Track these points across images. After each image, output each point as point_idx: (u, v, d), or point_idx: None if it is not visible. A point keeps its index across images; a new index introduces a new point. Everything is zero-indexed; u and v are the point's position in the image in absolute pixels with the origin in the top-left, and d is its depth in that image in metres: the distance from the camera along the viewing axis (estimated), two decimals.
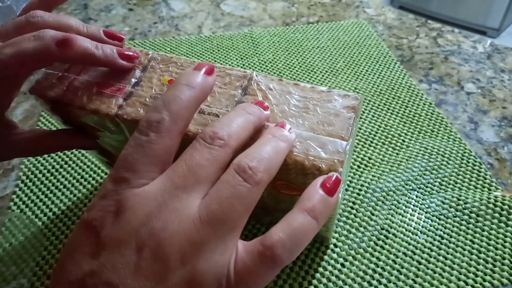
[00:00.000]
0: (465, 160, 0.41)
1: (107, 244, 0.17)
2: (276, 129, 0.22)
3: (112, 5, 0.69)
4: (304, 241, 0.18)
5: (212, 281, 0.17)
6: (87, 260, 0.17)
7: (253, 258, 0.17)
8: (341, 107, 0.24)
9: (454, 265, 0.32)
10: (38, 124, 0.46)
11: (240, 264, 0.17)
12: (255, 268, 0.17)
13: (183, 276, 0.17)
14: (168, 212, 0.17)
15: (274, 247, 0.17)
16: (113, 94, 0.25)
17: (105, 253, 0.17)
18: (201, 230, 0.17)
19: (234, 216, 0.18)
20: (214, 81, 0.21)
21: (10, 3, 0.55)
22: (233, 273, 0.17)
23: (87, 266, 0.17)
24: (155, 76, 0.26)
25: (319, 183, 0.20)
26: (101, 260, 0.17)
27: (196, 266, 0.17)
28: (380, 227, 0.35)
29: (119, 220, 0.17)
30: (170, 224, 0.17)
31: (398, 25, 0.63)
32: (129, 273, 0.16)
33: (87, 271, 0.17)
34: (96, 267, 0.17)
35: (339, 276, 0.32)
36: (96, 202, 0.18)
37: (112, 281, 0.16)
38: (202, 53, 0.56)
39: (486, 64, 0.55)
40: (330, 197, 0.19)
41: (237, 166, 0.18)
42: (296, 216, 0.18)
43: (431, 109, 0.47)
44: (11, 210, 0.37)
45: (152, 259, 0.17)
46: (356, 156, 0.41)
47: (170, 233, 0.17)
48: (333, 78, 0.52)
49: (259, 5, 0.69)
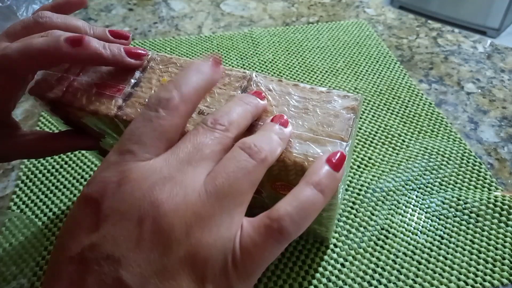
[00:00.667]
0: (465, 160, 0.41)
1: (108, 216, 0.16)
2: (271, 125, 0.22)
3: (112, 5, 0.69)
4: (311, 214, 0.18)
5: (217, 255, 0.16)
6: (86, 234, 0.16)
7: (259, 231, 0.17)
8: (340, 108, 0.24)
9: (454, 265, 0.32)
10: (38, 124, 0.46)
11: (246, 238, 0.17)
12: (262, 242, 0.17)
13: (188, 249, 0.16)
14: (173, 184, 0.17)
15: (282, 220, 0.17)
16: (113, 95, 0.25)
17: (106, 225, 0.16)
18: (207, 203, 0.17)
19: (240, 190, 0.18)
20: (221, 72, 0.22)
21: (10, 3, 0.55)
22: (239, 248, 0.17)
23: (86, 240, 0.16)
24: (155, 77, 0.26)
25: (324, 158, 0.20)
26: (101, 233, 0.16)
27: (202, 240, 0.16)
28: (380, 227, 0.35)
29: (121, 191, 0.17)
30: (175, 196, 0.17)
31: (398, 25, 0.63)
32: (132, 245, 0.16)
33: (87, 245, 0.16)
34: (96, 240, 0.16)
35: (339, 276, 0.32)
36: (98, 174, 0.18)
37: (113, 254, 0.16)
38: (202, 53, 0.56)
39: (486, 64, 0.55)
40: (336, 172, 0.19)
41: (242, 144, 0.19)
42: (302, 189, 0.18)
43: (431, 109, 0.47)
44: (11, 210, 0.37)
45: (155, 231, 0.16)
46: (356, 156, 0.41)
47: (175, 205, 0.16)
48: (333, 78, 0.52)
49: (259, 5, 0.69)
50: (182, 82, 0.19)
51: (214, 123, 0.19)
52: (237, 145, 0.19)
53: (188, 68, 0.20)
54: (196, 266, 0.16)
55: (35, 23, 0.25)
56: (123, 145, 0.18)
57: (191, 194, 0.17)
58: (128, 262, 0.15)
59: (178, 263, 0.16)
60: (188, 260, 0.16)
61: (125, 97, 0.25)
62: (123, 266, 0.15)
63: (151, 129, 0.18)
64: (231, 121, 0.20)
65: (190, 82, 0.20)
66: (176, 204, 0.16)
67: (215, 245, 0.16)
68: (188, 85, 0.19)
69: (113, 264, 0.15)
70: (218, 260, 0.16)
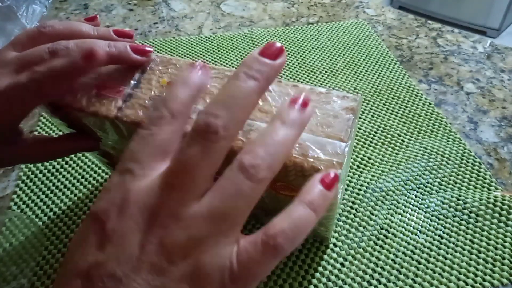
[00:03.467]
0: (465, 160, 0.41)
1: (112, 237, 0.18)
2: (287, 112, 0.20)
3: (112, 5, 0.69)
4: (304, 231, 0.19)
5: (214, 273, 0.17)
6: (93, 252, 0.18)
7: (256, 248, 0.18)
8: (340, 109, 0.24)
9: (454, 265, 0.32)
10: (38, 124, 0.46)
11: (243, 254, 0.18)
12: (259, 257, 0.18)
13: (186, 270, 0.17)
14: (166, 212, 0.18)
15: (277, 236, 0.18)
16: (113, 96, 0.25)
17: (110, 246, 0.17)
18: (203, 227, 0.18)
19: (236, 213, 0.18)
20: (208, 77, 0.22)
21: (10, 3, 0.56)
22: (236, 264, 0.18)
23: (92, 258, 0.17)
24: (154, 78, 0.26)
25: (317, 179, 0.20)
26: (106, 252, 0.17)
27: (199, 260, 0.17)
28: (380, 227, 0.35)
29: (122, 214, 0.18)
30: (169, 222, 0.18)
31: (397, 25, 0.63)
32: (132, 266, 0.17)
33: (93, 262, 0.17)
34: (101, 259, 0.17)
35: (339, 276, 0.32)
36: (103, 195, 0.19)
37: (115, 273, 0.17)
38: (202, 54, 0.56)
39: (486, 64, 0.55)
40: (329, 191, 0.20)
41: (239, 163, 0.18)
42: (296, 208, 0.19)
43: (431, 109, 0.47)
44: (11, 210, 0.37)
45: (154, 253, 0.17)
46: (355, 156, 0.42)
47: (171, 230, 0.17)
48: (332, 78, 0.52)
49: (259, 6, 0.69)
50: (170, 98, 0.20)
51: (206, 131, 0.18)
52: (235, 163, 0.18)
53: (175, 84, 0.21)
54: (194, 284, 0.17)
55: (39, 33, 0.26)
56: (123, 165, 0.19)
57: (185, 219, 0.18)
58: (129, 282, 0.17)
59: (177, 282, 0.17)
60: (187, 279, 0.17)
61: (125, 98, 0.25)
62: (124, 285, 0.17)
63: (144, 145, 0.19)
64: (227, 122, 0.18)
65: (177, 97, 0.20)
66: (172, 230, 0.17)
67: (211, 264, 0.17)
68: (175, 101, 0.20)
69: (115, 282, 0.17)
70: (216, 277, 0.17)
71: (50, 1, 0.68)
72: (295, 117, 0.20)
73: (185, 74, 0.21)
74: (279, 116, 0.20)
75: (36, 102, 0.25)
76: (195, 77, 0.21)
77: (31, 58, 0.24)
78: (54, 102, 0.26)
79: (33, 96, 0.24)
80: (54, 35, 0.26)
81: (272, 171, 0.19)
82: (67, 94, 0.26)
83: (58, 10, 0.68)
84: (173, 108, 0.20)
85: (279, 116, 0.20)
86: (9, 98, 0.24)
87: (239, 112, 0.19)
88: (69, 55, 0.24)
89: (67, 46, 0.24)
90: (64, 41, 0.24)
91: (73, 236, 0.19)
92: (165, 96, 0.21)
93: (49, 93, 0.25)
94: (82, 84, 0.26)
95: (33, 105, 0.25)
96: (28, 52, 0.25)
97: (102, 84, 0.26)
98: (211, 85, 0.25)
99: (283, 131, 0.19)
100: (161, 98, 0.21)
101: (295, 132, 0.20)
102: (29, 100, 0.25)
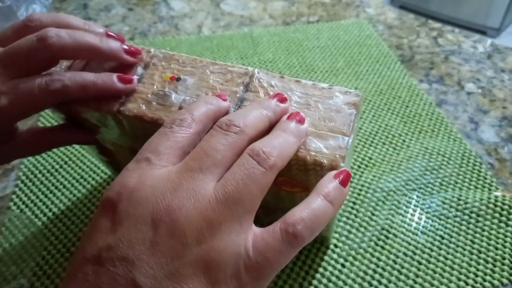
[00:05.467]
0: (465, 160, 0.41)
1: (124, 219, 0.17)
2: (286, 123, 0.22)
3: (112, 4, 0.69)
4: (322, 222, 0.19)
5: (229, 260, 0.17)
6: (103, 236, 0.17)
7: (274, 235, 0.18)
8: (342, 104, 0.24)
9: (454, 265, 0.32)
10: (38, 123, 0.46)
11: (261, 243, 0.18)
12: (277, 245, 0.18)
13: (200, 254, 0.17)
14: (184, 191, 0.18)
15: (297, 224, 0.18)
16: None
17: (122, 228, 0.17)
18: (217, 210, 0.18)
19: (249, 197, 0.18)
20: (228, 106, 0.24)
21: (10, 3, 0.55)
22: (252, 251, 0.18)
23: (103, 241, 0.17)
24: (157, 73, 0.26)
25: (332, 175, 0.21)
26: (117, 235, 0.17)
27: (213, 245, 0.17)
28: (381, 227, 0.35)
29: (136, 196, 0.18)
30: (186, 202, 0.17)
31: (398, 25, 0.63)
32: (145, 248, 0.16)
33: (104, 246, 0.17)
34: (112, 241, 0.17)
35: (339, 277, 0.32)
36: (116, 180, 0.19)
37: (127, 256, 0.16)
38: (202, 53, 0.56)
39: (486, 64, 0.55)
40: (343, 187, 0.21)
41: (251, 150, 0.19)
42: (314, 199, 0.20)
43: (432, 109, 0.47)
44: (11, 210, 0.37)
45: (168, 236, 0.17)
46: (356, 156, 0.41)
47: (187, 211, 0.17)
48: (333, 78, 0.52)
49: (259, 5, 0.69)
50: (194, 108, 0.22)
51: (228, 124, 0.20)
52: (246, 151, 0.20)
53: (198, 100, 0.23)
54: (208, 270, 0.17)
55: (25, 27, 0.25)
56: (140, 155, 0.20)
57: (201, 201, 0.18)
58: (141, 265, 0.16)
59: (190, 267, 0.17)
60: (200, 264, 0.17)
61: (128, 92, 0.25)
62: (137, 268, 0.16)
63: (165, 140, 0.20)
64: (246, 122, 0.20)
65: (200, 108, 0.22)
66: (187, 210, 0.17)
67: (226, 251, 0.17)
68: (198, 110, 0.21)
69: (127, 265, 0.16)
70: (230, 265, 0.17)
71: (50, 1, 0.68)
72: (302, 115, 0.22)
73: (206, 96, 0.24)
74: (280, 126, 0.22)
75: (48, 106, 0.25)
76: (216, 101, 0.23)
77: (19, 50, 0.23)
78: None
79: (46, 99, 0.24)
80: (40, 30, 0.24)
81: (282, 159, 0.20)
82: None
83: (57, 10, 0.68)
84: (196, 114, 0.21)
85: (280, 126, 0.22)
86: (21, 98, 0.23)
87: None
88: (60, 42, 0.23)
89: (58, 34, 0.23)
90: (54, 28, 0.24)
91: (85, 230, 0.19)
92: (189, 106, 0.22)
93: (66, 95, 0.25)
94: None
95: (44, 108, 0.25)
96: (14, 44, 0.23)
97: None
98: (213, 80, 0.26)
99: (292, 124, 0.22)
100: (186, 107, 0.22)
101: (306, 125, 0.22)
102: (42, 104, 0.24)
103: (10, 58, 0.23)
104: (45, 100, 0.24)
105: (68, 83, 0.24)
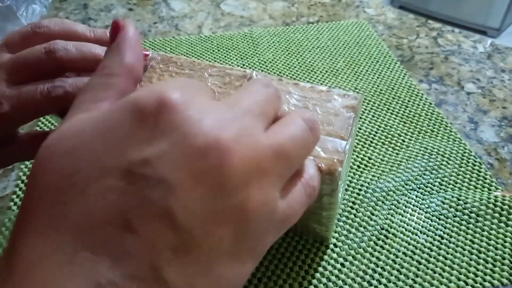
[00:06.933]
0: (465, 160, 0.41)
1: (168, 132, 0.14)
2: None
3: (112, 5, 0.69)
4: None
5: (264, 213, 0.16)
6: (137, 147, 0.14)
7: (299, 190, 0.18)
8: (340, 107, 0.24)
9: (454, 265, 0.32)
10: (38, 124, 0.46)
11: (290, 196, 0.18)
12: (304, 199, 0.18)
13: (241, 201, 0.15)
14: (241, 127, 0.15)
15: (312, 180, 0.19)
16: None
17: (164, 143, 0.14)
18: (270, 160, 0.16)
19: (297, 158, 0.18)
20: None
21: (10, 3, 0.55)
22: (286, 205, 0.17)
23: (137, 153, 0.13)
24: (155, 76, 0.26)
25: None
26: (158, 148, 0.13)
27: (256, 195, 0.15)
28: (380, 227, 0.35)
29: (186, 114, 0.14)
30: (242, 139, 0.15)
31: (398, 25, 0.63)
32: (190, 176, 0.13)
33: (136, 159, 0.13)
34: (150, 155, 0.13)
35: (339, 276, 0.32)
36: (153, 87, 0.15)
37: (168, 179, 0.13)
38: (202, 53, 0.56)
39: (486, 64, 0.55)
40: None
41: (301, 114, 0.19)
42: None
43: (431, 109, 0.47)
44: (11, 210, 0.37)
45: (217, 168, 0.14)
46: (356, 156, 0.41)
47: (243, 148, 0.15)
48: (333, 78, 0.52)
49: (259, 5, 0.69)
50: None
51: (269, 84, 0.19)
52: (296, 113, 0.19)
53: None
54: (242, 221, 0.15)
55: (34, 33, 0.25)
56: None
57: (258, 143, 0.15)
58: (182, 194, 0.13)
59: (229, 212, 0.14)
60: (237, 211, 0.15)
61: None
62: (176, 196, 0.13)
63: None
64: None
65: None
66: (244, 148, 0.15)
67: (263, 203, 0.15)
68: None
69: (164, 190, 0.13)
70: (263, 218, 0.16)
71: (50, 1, 0.68)
72: None
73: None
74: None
75: (50, 112, 0.25)
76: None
77: (27, 60, 0.24)
78: None
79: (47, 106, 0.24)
80: (49, 37, 0.25)
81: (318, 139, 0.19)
82: None
83: (57, 10, 0.68)
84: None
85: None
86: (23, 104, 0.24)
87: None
88: (68, 56, 0.24)
89: (65, 47, 0.24)
90: (62, 41, 0.24)
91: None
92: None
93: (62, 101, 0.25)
94: (84, 82, 0.26)
95: (46, 113, 0.25)
96: (23, 53, 0.24)
97: None
98: (211, 83, 0.26)
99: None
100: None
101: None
102: (44, 110, 0.24)
103: (17, 67, 0.24)
104: (47, 106, 0.24)
105: (70, 90, 0.24)
